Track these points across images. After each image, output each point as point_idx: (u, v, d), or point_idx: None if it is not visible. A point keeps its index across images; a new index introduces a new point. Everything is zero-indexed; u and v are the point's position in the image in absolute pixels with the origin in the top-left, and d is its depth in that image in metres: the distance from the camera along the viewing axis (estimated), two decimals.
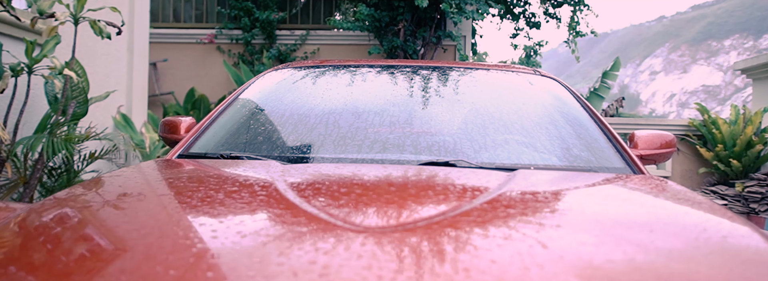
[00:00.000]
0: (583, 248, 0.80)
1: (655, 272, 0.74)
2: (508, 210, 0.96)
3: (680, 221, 1.03)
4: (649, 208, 1.14)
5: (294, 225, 0.85)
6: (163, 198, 1.05)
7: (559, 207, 1.06)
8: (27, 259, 0.78)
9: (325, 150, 1.60)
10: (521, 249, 0.77)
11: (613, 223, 0.96)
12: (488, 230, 0.85)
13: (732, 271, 0.78)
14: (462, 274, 0.68)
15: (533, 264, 0.72)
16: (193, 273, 0.69)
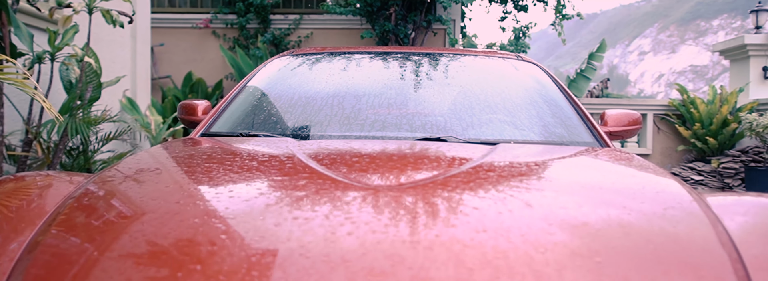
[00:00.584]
0: (542, 199, 1.05)
1: (599, 215, 0.98)
2: (487, 174, 1.20)
3: (628, 181, 1.28)
4: (605, 172, 1.39)
5: (319, 185, 1.09)
6: (210, 167, 1.28)
7: (529, 172, 1.30)
8: (106, 218, 1.00)
9: (332, 128, 1.83)
10: (495, 201, 1.02)
11: (571, 183, 1.21)
12: (470, 189, 1.09)
13: (658, 214, 1.02)
14: (448, 219, 0.92)
15: (504, 210, 0.97)
16: (248, 218, 0.93)
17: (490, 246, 0.84)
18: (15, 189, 1.15)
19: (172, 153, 1.49)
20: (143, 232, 0.92)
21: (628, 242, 0.89)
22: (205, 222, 0.93)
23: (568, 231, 0.91)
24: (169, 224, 0.93)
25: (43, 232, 0.94)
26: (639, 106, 6.77)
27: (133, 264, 0.83)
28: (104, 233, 0.94)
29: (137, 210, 1.03)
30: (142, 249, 0.87)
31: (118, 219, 1.01)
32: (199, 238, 0.87)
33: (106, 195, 1.14)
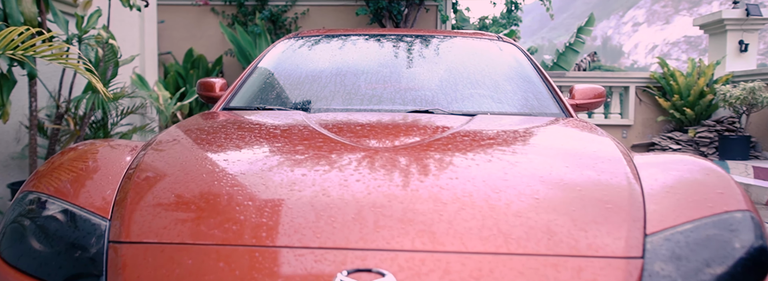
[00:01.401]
0: (502, 156, 1.37)
1: (543, 167, 1.31)
2: (463, 138, 1.52)
3: (574, 143, 1.61)
4: (559, 137, 1.71)
5: (330, 148, 1.40)
6: (242, 134, 1.60)
7: (497, 137, 1.62)
8: (164, 173, 1.32)
9: (336, 102, 2.14)
10: (465, 158, 1.34)
11: (529, 144, 1.53)
12: (447, 150, 1.41)
13: (589, 166, 1.35)
14: (430, 171, 1.24)
15: (472, 164, 1.29)
16: (280, 170, 1.25)
17: (459, 189, 1.17)
18: (96, 148, 1.46)
19: (206, 123, 1.81)
20: (205, 173, 1.25)
21: (561, 186, 1.22)
22: (250, 172, 1.26)
23: (517, 178, 1.24)
24: (223, 172, 1.26)
25: (130, 174, 1.26)
26: (622, 78, 7.07)
27: (200, 191, 1.15)
28: (178, 170, 1.27)
29: (196, 157, 1.36)
30: (206, 184, 1.20)
31: (183, 162, 1.33)
32: (245, 183, 1.20)
33: (170, 146, 1.48)
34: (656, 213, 1.15)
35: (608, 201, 1.16)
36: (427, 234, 1.02)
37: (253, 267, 0.97)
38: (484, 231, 1.04)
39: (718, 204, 1.18)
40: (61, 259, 1.05)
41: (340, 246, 0.99)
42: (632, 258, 1.01)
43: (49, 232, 1.12)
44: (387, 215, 1.07)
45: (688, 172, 1.35)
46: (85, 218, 1.12)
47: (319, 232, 1.02)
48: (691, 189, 1.26)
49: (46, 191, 1.22)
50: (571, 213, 1.11)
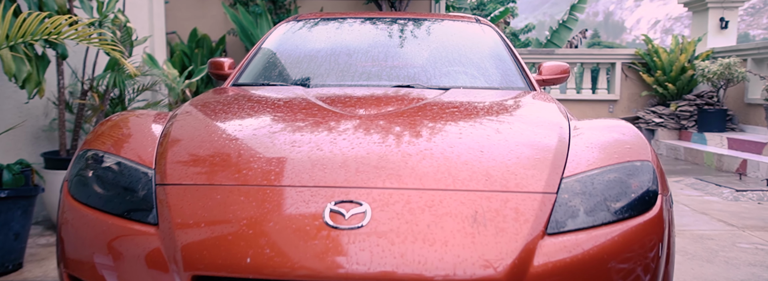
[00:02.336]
0: (461, 119, 1.72)
1: (493, 127, 1.65)
2: (433, 107, 1.86)
3: (526, 109, 1.95)
4: (516, 105, 2.05)
5: (323, 115, 1.74)
6: (253, 105, 1.94)
7: (461, 106, 1.96)
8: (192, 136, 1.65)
9: (330, 79, 2.47)
10: (432, 120, 1.68)
11: (487, 111, 1.87)
12: (418, 116, 1.75)
13: (531, 127, 1.69)
14: (403, 130, 1.59)
15: (436, 125, 1.64)
16: (287, 131, 1.59)
17: (422, 145, 1.52)
18: (132, 117, 1.80)
19: (220, 96, 2.15)
20: (223, 134, 1.59)
21: (503, 143, 1.56)
22: (259, 134, 1.60)
23: (470, 137, 1.59)
24: (238, 133, 1.60)
25: (165, 135, 1.60)
26: (608, 55, 7.36)
27: (222, 147, 1.50)
28: (202, 132, 1.61)
29: (215, 122, 1.70)
30: (226, 142, 1.54)
31: (206, 126, 1.68)
32: (256, 141, 1.55)
33: (206, 105, 1.84)
34: (574, 162, 1.49)
35: (538, 154, 1.51)
36: (394, 177, 1.37)
37: (265, 200, 1.31)
38: (437, 175, 1.38)
39: (625, 155, 1.53)
40: (120, 197, 1.40)
41: (330, 185, 1.34)
42: (547, 194, 1.36)
43: (108, 179, 1.47)
44: (365, 163, 1.41)
45: (610, 132, 1.70)
46: (135, 168, 1.47)
47: (313, 175, 1.37)
48: (608, 144, 1.60)
49: (101, 148, 1.56)
50: (506, 162, 1.45)
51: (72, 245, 1.42)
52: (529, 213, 1.30)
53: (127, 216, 1.36)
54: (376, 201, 1.30)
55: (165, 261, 1.24)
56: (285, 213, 1.28)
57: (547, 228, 1.29)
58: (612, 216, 1.35)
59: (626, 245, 1.32)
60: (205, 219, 1.27)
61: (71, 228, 1.43)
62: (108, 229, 1.36)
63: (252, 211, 1.28)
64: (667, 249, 1.42)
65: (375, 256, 1.18)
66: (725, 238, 3.14)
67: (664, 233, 1.40)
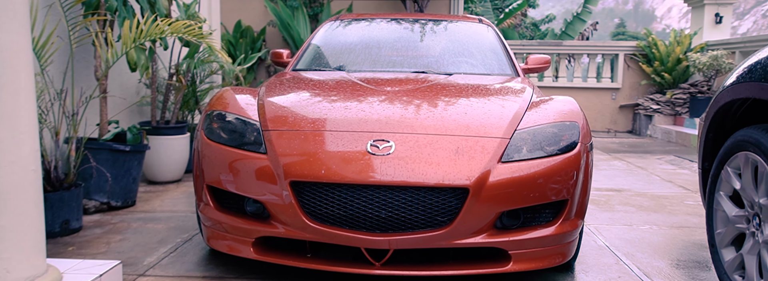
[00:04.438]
0: (460, 94, 2.55)
1: (479, 99, 2.47)
2: (439, 85, 2.69)
3: (506, 87, 2.77)
4: (500, 86, 2.87)
5: (363, 90, 2.58)
6: (313, 82, 2.79)
7: (459, 85, 2.78)
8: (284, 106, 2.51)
9: (366, 65, 3.31)
10: (438, 94, 2.52)
11: (478, 89, 2.70)
12: (429, 91, 2.58)
13: (506, 99, 2.51)
14: (419, 100, 2.43)
15: (441, 97, 2.47)
16: (340, 99, 2.45)
17: (428, 108, 2.35)
18: (234, 90, 2.66)
19: (286, 78, 3.00)
20: (297, 100, 2.44)
21: (482, 107, 2.39)
22: (321, 100, 2.46)
23: (461, 104, 2.42)
24: (306, 100, 2.46)
25: (260, 100, 2.45)
26: (612, 47, 8.04)
27: (299, 107, 2.36)
28: (283, 99, 2.46)
29: (289, 93, 2.55)
30: (300, 104, 2.39)
31: (285, 95, 2.53)
32: (320, 104, 2.40)
33: (280, 84, 2.70)
34: (526, 121, 2.31)
35: (503, 115, 2.33)
36: (409, 126, 2.21)
37: (330, 139, 2.17)
38: (436, 126, 2.22)
39: (561, 118, 2.34)
40: (238, 138, 2.26)
41: (369, 130, 2.19)
42: (504, 139, 2.18)
43: (229, 127, 2.33)
44: (391, 118, 2.26)
45: (557, 103, 2.51)
46: (246, 120, 2.33)
47: (359, 125, 2.22)
48: (554, 111, 2.42)
49: (222, 109, 2.43)
50: (480, 120, 2.28)
51: (208, 167, 2.29)
52: (491, 149, 2.13)
53: (244, 148, 2.23)
54: (398, 140, 2.14)
55: (272, 173, 2.09)
56: (343, 146, 2.13)
57: (501, 159, 2.11)
58: (544, 153, 2.17)
59: (551, 170, 2.14)
60: (296, 150, 2.13)
61: (207, 157, 2.30)
62: (231, 156, 2.22)
63: (323, 145, 2.14)
64: (584, 176, 2.24)
65: (397, 171, 2.02)
66: (677, 198, 3.92)
67: (580, 165, 2.22)
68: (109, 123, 3.46)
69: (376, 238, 2.00)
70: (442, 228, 2.01)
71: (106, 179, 3.16)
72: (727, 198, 2.26)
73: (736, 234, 2.19)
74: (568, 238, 2.20)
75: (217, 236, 2.27)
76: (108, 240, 2.75)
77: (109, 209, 3.29)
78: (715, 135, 2.43)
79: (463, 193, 2.01)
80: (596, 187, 4.19)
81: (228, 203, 2.26)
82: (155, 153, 3.97)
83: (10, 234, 1.74)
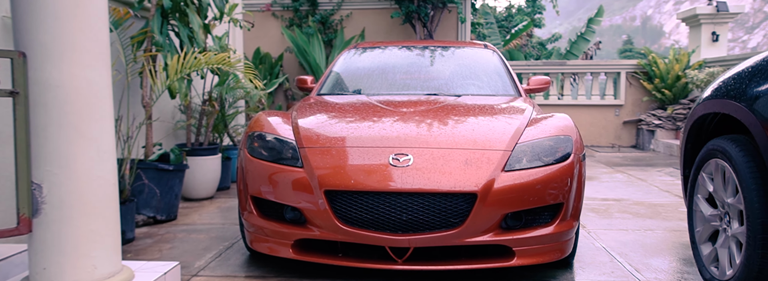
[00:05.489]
0: (467, 112, 2.91)
1: (485, 117, 2.83)
2: (449, 106, 3.06)
3: (508, 106, 3.13)
4: (504, 105, 3.23)
5: (383, 111, 2.95)
6: (338, 105, 3.17)
7: (467, 105, 3.14)
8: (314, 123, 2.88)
9: (383, 89, 3.69)
10: (448, 113, 2.88)
11: (484, 108, 3.06)
12: (440, 111, 2.95)
13: (506, 115, 2.86)
14: (431, 119, 2.79)
15: (451, 116, 2.84)
16: (362, 119, 2.82)
17: (440, 126, 2.72)
18: (268, 114, 3.04)
19: (313, 102, 3.38)
20: (325, 121, 2.82)
21: (487, 124, 2.75)
22: (346, 120, 2.83)
23: (469, 122, 2.79)
24: (333, 120, 2.83)
25: (294, 122, 2.83)
26: (614, 65, 8.39)
27: (327, 127, 2.73)
28: (313, 119, 2.83)
29: (318, 115, 2.93)
30: (328, 125, 2.77)
31: (314, 117, 2.90)
32: (345, 124, 2.78)
33: (308, 107, 3.08)
34: (526, 135, 2.67)
35: (505, 131, 2.69)
36: (425, 142, 2.57)
37: (357, 154, 2.53)
38: (448, 141, 2.58)
39: (557, 133, 2.70)
40: (277, 154, 2.63)
41: (390, 146, 2.55)
42: (507, 151, 2.53)
43: (268, 145, 2.70)
44: (409, 135, 2.62)
45: (553, 120, 2.86)
46: (284, 139, 2.70)
47: (382, 141, 2.58)
48: (549, 126, 2.77)
49: (261, 130, 2.81)
50: (486, 135, 2.64)
51: (251, 180, 2.65)
52: (495, 160, 2.48)
53: (282, 163, 2.59)
54: (415, 154, 2.50)
55: (309, 184, 2.45)
56: (368, 160, 2.49)
57: (504, 168, 2.46)
58: (542, 163, 2.52)
59: (548, 178, 2.48)
60: (328, 164, 2.50)
61: (250, 171, 2.67)
62: (272, 170, 2.59)
63: (352, 159, 2.51)
64: (577, 183, 2.58)
65: (415, 179, 2.38)
66: (672, 206, 4.22)
67: (573, 173, 2.56)
68: (154, 145, 3.85)
69: (398, 238, 2.35)
70: (454, 229, 2.35)
71: (153, 195, 3.54)
72: (703, 200, 2.59)
73: (712, 231, 2.51)
74: (565, 237, 2.53)
75: (259, 240, 2.62)
76: (159, 248, 3.11)
77: (155, 222, 3.66)
78: (693, 145, 2.77)
79: (472, 198, 2.35)
80: (597, 197, 4.51)
81: (269, 211, 2.62)
82: (191, 173, 4.35)
83: (98, 237, 2.11)
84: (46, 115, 2.02)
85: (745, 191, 2.14)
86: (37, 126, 2.02)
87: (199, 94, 4.98)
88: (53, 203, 2.01)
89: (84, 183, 2.05)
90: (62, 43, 2.00)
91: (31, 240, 2.06)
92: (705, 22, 7.89)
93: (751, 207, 2.09)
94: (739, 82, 2.30)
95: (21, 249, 2.52)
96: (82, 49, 2.05)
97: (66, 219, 2.02)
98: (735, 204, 2.26)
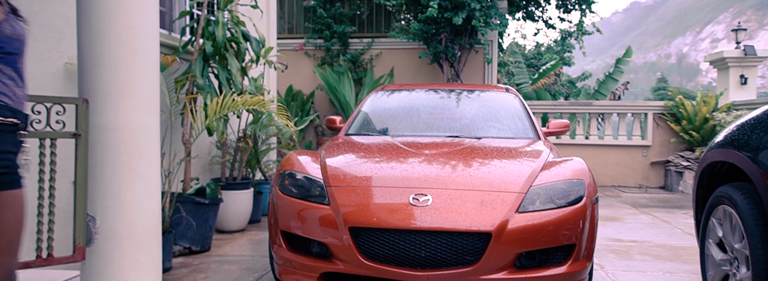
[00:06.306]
0: (487, 155, 3.08)
1: (505, 160, 2.99)
2: (471, 148, 3.23)
3: (527, 148, 3.28)
4: (523, 148, 3.38)
5: (406, 153, 3.14)
6: (364, 145, 3.37)
7: (489, 147, 3.31)
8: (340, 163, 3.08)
9: (408, 130, 3.89)
10: (470, 155, 3.05)
11: (504, 151, 3.22)
12: (462, 153, 3.12)
13: (524, 160, 3.02)
14: (454, 160, 2.97)
15: (473, 158, 3.01)
16: (387, 160, 3.01)
17: (461, 168, 2.88)
18: (298, 153, 3.26)
19: (341, 142, 3.59)
20: (353, 161, 3.01)
21: (504, 167, 2.91)
22: (371, 161, 3.02)
23: (487, 164, 2.95)
24: (361, 160, 3.03)
25: (323, 156, 3.03)
26: (641, 106, 8.46)
27: (354, 167, 2.93)
28: (341, 160, 3.03)
29: (346, 155, 3.13)
30: (355, 165, 2.96)
31: (341, 157, 3.10)
32: (371, 164, 2.97)
33: (336, 147, 3.28)
34: (540, 178, 2.81)
35: (521, 173, 2.84)
36: (444, 183, 2.73)
37: (380, 193, 2.71)
38: (466, 182, 2.74)
39: (570, 176, 2.83)
40: (306, 192, 2.83)
41: (411, 186, 2.72)
42: (521, 193, 2.68)
43: (298, 183, 2.90)
44: (429, 176, 2.79)
45: (567, 163, 3.00)
46: (312, 178, 2.90)
47: (404, 182, 2.76)
48: (563, 170, 2.91)
49: (291, 169, 3.02)
50: (502, 177, 2.79)
51: (281, 215, 2.85)
52: (510, 202, 2.62)
53: (310, 200, 2.78)
54: (434, 194, 2.66)
55: (334, 221, 2.63)
56: (390, 199, 2.67)
57: (518, 209, 2.60)
58: (555, 205, 2.65)
59: (561, 219, 2.61)
60: (353, 202, 2.68)
61: (280, 207, 2.87)
62: (300, 206, 2.78)
63: (375, 198, 2.68)
64: (590, 225, 2.69)
65: (433, 218, 2.53)
66: (693, 249, 4.25)
67: (586, 216, 2.68)
68: (191, 179, 4.10)
69: (417, 273, 2.49)
70: (470, 266, 2.48)
71: (190, 227, 3.77)
72: (714, 244, 2.67)
73: (723, 275, 2.58)
74: (578, 277, 2.63)
75: (288, 272, 2.79)
76: (194, 277, 3.30)
77: (190, 253, 3.87)
78: (704, 191, 2.87)
79: (487, 237, 2.49)
80: (618, 238, 4.55)
81: (297, 245, 2.80)
82: (224, 206, 4.57)
83: (142, 266, 2.32)
84: (102, 155, 2.26)
85: (749, 237, 2.23)
86: (94, 164, 2.26)
87: (234, 131, 5.26)
88: (105, 234, 2.23)
89: (132, 216, 2.27)
90: (120, 90, 2.26)
91: (83, 267, 2.27)
92: (733, 65, 7.95)
93: (754, 253, 2.18)
94: (742, 133, 2.43)
95: (73, 275, 2.74)
96: (136, 95, 2.31)
97: (115, 248, 2.24)
98: (742, 249, 2.34)
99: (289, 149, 5.74)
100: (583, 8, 9.16)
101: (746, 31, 8.71)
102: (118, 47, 2.24)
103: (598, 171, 8.35)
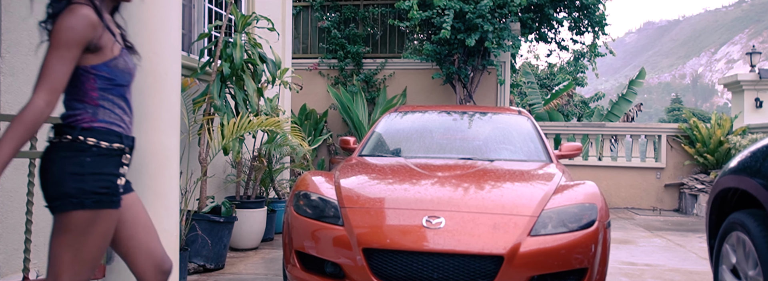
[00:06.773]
0: (499, 178, 3.11)
1: (521, 182, 3.02)
2: (484, 171, 3.26)
3: (540, 171, 3.31)
4: (536, 170, 3.40)
5: (419, 175, 3.18)
6: (377, 167, 3.42)
7: (501, 170, 3.33)
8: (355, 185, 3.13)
9: (421, 152, 3.93)
10: (482, 178, 3.08)
11: (516, 173, 3.25)
12: (475, 176, 3.15)
13: (540, 181, 3.04)
14: (467, 183, 3.00)
15: (485, 181, 3.04)
16: (399, 182, 3.05)
17: (473, 191, 2.92)
18: (312, 174, 3.31)
19: (355, 163, 3.64)
20: (366, 183, 3.06)
21: (516, 190, 2.93)
22: (384, 183, 3.07)
23: (500, 187, 2.98)
24: (374, 182, 3.07)
25: (337, 177, 3.08)
26: (655, 129, 8.44)
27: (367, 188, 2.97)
28: (354, 181, 3.07)
29: (359, 176, 3.17)
30: (368, 186, 3.01)
31: (355, 178, 3.14)
32: (384, 186, 3.00)
33: (350, 168, 3.34)
34: (552, 202, 2.83)
35: (534, 196, 2.86)
36: (456, 205, 2.76)
37: (394, 215, 2.74)
38: (478, 205, 2.77)
39: (582, 200, 2.85)
40: (320, 212, 2.87)
41: (424, 208, 2.75)
42: (533, 216, 2.70)
43: (312, 204, 2.95)
44: (442, 199, 2.83)
45: (580, 187, 3.02)
46: (326, 199, 2.94)
47: (417, 204, 2.80)
48: (575, 194, 2.93)
49: (306, 190, 3.06)
50: (514, 201, 2.82)
51: (296, 235, 2.89)
52: (522, 225, 2.65)
53: (324, 220, 2.82)
54: (447, 217, 2.69)
55: (348, 241, 2.67)
56: (404, 221, 2.70)
57: (530, 233, 2.62)
58: (567, 229, 2.67)
59: (573, 243, 2.63)
60: (367, 223, 2.71)
61: (295, 227, 2.91)
62: (315, 227, 2.82)
63: (388, 219, 2.72)
64: (602, 249, 2.70)
65: (446, 241, 2.56)
66: (707, 273, 4.21)
67: (597, 240, 2.69)
68: (206, 198, 4.16)
69: None
70: None
71: (205, 245, 3.81)
72: (728, 271, 2.66)
73: None
74: None
75: None
76: None
77: (205, 271, 3.91)
78: (717, 216, 2.87)
79: (499, 260, 2.51)
80: (632, 262, 4.53)
81: (311, 265, 2.83)
82: (238, 224, 4.62)
83: None
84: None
85: (763, 264, 2.23)
86: None
87: (249, 150, 5.33)
88: None
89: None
90: (145, 113, 2.34)
91: None
92: (747, 88, 7.93)
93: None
94: (755, 160, 2.44)
95: None
96: (159, 118, 2.39)
97: None
98: (756, 276, 2.34)
99: (303, 168, 5.80)
100: (596, 30, 9.22)
101: (761, 54, 8.70)
102: (142, 71, 2.32)
103: (611, 192, 8.31)
